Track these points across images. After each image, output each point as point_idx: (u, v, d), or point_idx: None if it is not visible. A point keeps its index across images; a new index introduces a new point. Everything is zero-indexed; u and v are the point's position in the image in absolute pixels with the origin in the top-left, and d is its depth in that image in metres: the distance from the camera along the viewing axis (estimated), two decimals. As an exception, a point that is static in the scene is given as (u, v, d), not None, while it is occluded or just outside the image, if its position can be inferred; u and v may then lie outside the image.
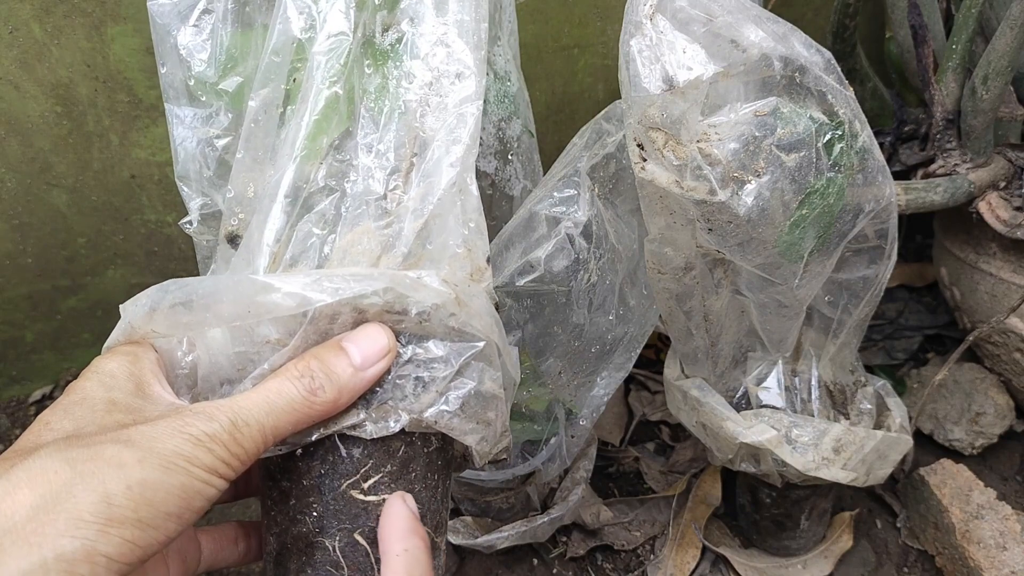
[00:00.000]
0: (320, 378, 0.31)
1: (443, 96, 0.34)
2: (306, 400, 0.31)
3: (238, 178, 0.36)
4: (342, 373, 0.31)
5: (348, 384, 0.32)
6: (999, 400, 0.72)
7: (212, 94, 0.37)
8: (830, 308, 0.54)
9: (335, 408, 0.32)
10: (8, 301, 0.75)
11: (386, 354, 0.32)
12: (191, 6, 0.36)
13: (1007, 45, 0.57)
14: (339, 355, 0.32)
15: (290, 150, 0.34)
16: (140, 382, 0.32)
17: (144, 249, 0.76)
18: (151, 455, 0.27)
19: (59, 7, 0.62)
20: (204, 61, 0.37)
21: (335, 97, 0.33)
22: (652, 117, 0.41)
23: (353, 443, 0.33)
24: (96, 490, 0.25)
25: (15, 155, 0.68)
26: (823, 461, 0.52)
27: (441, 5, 0.35)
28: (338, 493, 0.33)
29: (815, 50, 0.43)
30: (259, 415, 0.30)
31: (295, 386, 0.31)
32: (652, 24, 0.40)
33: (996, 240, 0.66)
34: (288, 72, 0.35)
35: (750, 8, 0.41)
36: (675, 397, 0.58)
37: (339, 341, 0.32)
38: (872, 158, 0.46)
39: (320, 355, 0.32)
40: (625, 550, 0.68)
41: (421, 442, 0.34)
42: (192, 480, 0.27)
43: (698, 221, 0.44)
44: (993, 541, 0.60)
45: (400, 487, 0.33)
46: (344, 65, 0.33)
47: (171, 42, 0.37)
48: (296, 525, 0.33)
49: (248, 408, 0.30)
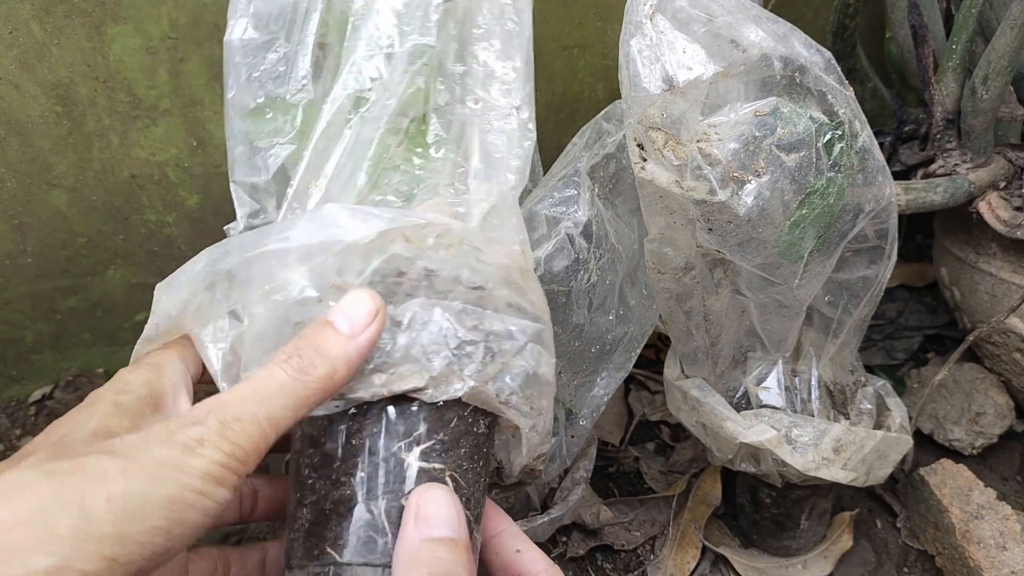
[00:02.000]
0: (308, 355, 0.30)
1: (504, 121, 0.38)
2: (298, 380, 0.29)
3: (302, 179, 0.37)
4: (332, 345, 0.30)
5: (341, 354, 0.30)
6: (999, 400, 0.72)
7: (281, 109, 0.39)
8: (830, 308, 0.54)
9: (333, 383, 0.30)
10: (8, 301, 0.75)
11: (375, 316, 0.31)
12: (268, 42, 0.38)
13: (1007, 45, 0.57)
14: (324, 328, 0.31)
15: (371, 132, 0.36)
16: (156, 392, 0.31)
17: (144, 249, 0.76)
18: (136, 465, 0.25)
19: (59, 7, 0.62)
20: (276, 85, 0.39)
21: (417, 92, 0.37)
22: (652, 117, 0.41)
23: (409, 404, 0.33)
24: (73, 503, 0.23)
25: (15, 155, 0.68)
26: (823, 461, 0.52)
27: (505, 51, 0.39)
28: (389, 454, 0.32)
29: (815, 50, 0.43)
30: (250, 407, 0.28)
31: (283, 369, 0.29)
32: (652, 24, 0.40)
33: (996, 240, 0.66)
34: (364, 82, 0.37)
35: (750, 8, 0.41)
36: (675, 397, 0.58)
37: (323, 317, 0.31)
38: (872, 158, 0.46)
39: (306, 334, 0.31)
40: (625, 550, 0.68)
41: (472, 419, 0.34)
42: (183, 491, 0.25)
43: (698, 221, 0.44)
44: (993, 541, 0.60)
45: (450, 460, 0.33)
46: (424, 79, 0.38)
47: (246, 74, 0.38)
48: (338, 488, 0.32)
49: (236, 402, 0.28)
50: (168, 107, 0.69)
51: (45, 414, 0.79)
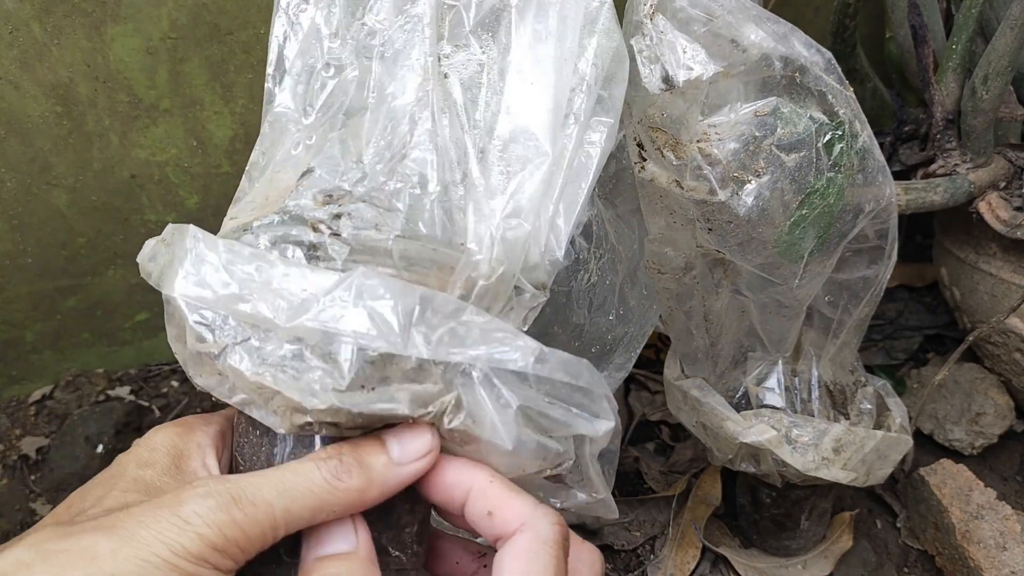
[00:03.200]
0: (349, 462, 0.28)
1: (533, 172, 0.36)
2: (328, 484, 0.27)
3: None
4: (375, 462, 0.28)
5: (380, 475, 0.28)
6: (999, 400, 0.72)
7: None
8: (830, 308, 0.54)
9: (362, 500, 0.28)
10: (8, 301, 0.75)
11: (428, 453, 0.29)
12: (309, 103, 0.36)
13: (1007, 45, 0.57)
14: (374, 444, 0.29)
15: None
16: (181, 456, 0.30)
17: (144, 249, 0.76)
18: (127, 545, 0.24)
19: (59, 7, 0.62)
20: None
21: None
22: (652, 117, 0.41)
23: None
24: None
25: (15, 155, 0.68)
26: (823, 461, 0.52)
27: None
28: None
29: (815, 50, 0.43)
30: (269, 494, 0.26)
31: (318, 467, 0.27)
32: (652, 24, 0.40)
33: (996, 240, 0.66)
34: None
35: (750, 8, 0.41)
36: (675, 397, 0.58)
37: (379, 433, 0.29)
38: (872, 158, 0.46)
39: (355, 442, 0.29)
40: (625, 550, 0.68)
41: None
42: (170, 573, 0.24)
43: (698, 221, 0.44)
44: (993, 541, 0.60)
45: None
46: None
47: (288, 146, 0.37)
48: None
49: (256, 485, 0.26)
50: (168, 107, 0.69)
51: (45, 414, 0.79)
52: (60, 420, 0.78)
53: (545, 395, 0.31)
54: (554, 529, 0.28)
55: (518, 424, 0.30)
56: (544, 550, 0.28)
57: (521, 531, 0.28)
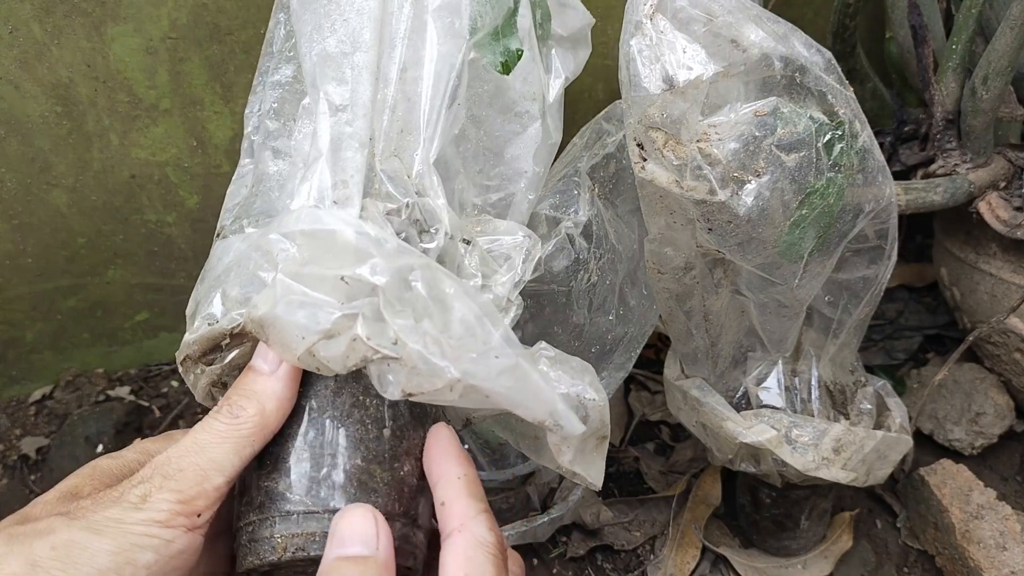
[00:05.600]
0: (234, 399, 0.31)
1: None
2: (231, 425, 0.30)
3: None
4: (255, 385, 0.31)
5: (267, 391, 0.31)
6: (999, 400, 0.72)
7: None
8: (830, 308, 0.54)
9: (266, 420, 0.31)
10: (8, 301, 0.75)
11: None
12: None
13: (1007, 45, 0.57)
14: (247, 372, 0.32)
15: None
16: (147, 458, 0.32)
17: (144, 249, 0.76)
18: (79, 520, 0.27)
19: (59, 7, 0.62)
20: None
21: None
22: (652, 117, 0.41)
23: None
24: (22, 555, 0.26)
25: (15, 155, 0.68)
26: (823, 461, 0.52)
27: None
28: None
29: (815, 50, 0.43)
30: (191, 458, 0.29)
31: (216, 418, 0.31)
32: (652, 24, 0.40)
33: (996, 240, 0.66)
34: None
35: (750, 8, 0.41)
36: (675, 397, 0.58)
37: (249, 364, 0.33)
38: (872, 158, 0.46)
39: (234, 384, 0.32)
40: (625, 550, 0.68)
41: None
42: (126, 536, 0.27)
43: (698, 221, 0.44)
44: (993, 541, 0.60)
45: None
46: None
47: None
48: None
49: (179, 456, 0.30)
50: (168, 107, 0.69)
51: (45, 414, 0.79)
52: (60, 420, 0.78)
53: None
54: (490, 534, 0.30)
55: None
56: (480, 550, 0.29)
57: (459, 531, 0.30)
